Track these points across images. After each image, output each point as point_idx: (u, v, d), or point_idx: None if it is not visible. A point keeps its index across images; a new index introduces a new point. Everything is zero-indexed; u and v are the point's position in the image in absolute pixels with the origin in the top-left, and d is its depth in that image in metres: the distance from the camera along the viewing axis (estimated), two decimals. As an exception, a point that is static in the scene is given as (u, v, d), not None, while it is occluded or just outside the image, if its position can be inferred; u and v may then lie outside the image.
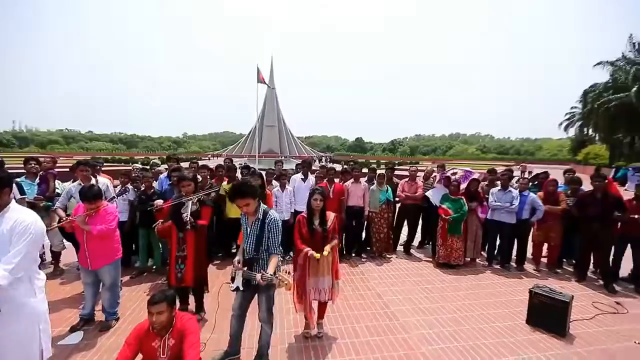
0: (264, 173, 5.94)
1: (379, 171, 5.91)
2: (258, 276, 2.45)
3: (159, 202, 3.67)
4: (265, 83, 22.74)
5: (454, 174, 5.69)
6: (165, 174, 5.24)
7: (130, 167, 7.08)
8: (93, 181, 4.17)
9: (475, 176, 5.59)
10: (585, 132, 40.91)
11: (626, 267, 4.83)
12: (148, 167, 6.84)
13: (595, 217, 4.65)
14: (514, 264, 5.43)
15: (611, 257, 4.81)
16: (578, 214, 4.86)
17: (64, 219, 3.58)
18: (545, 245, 5.36)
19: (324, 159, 57.15)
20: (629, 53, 27.82)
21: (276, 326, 3.39)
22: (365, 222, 5.75)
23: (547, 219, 5.14)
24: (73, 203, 4.00)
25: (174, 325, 2.30)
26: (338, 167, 7.19)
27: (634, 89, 24.18)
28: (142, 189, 4.75)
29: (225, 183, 5.30)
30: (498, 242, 5.52)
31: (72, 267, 4.95)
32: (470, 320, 3.67)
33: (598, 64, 29.71)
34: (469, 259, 5.50)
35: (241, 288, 2.65)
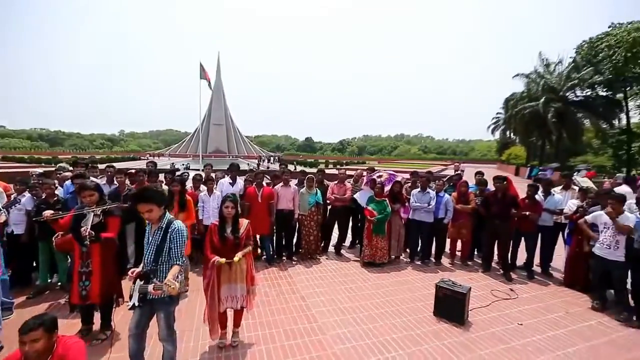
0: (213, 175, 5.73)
1: (308, 174, 6.01)
2: (150, 287, 2.33)
3: (48, 212, 3.31)
4: (208, 81, 21.78)
5: (380, 176, 6.01)
6: (70, 180, 4.74)
7: (52, 168, 6.27)
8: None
9: (398, 179, 5.96)
10: (508, 135, 45.90)
11: (522, 257, 5.52)
12: (53, 170, 6.14)
13: (496, 214, 5.25)
14: (433, 259, 5.89)
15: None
16: (483, 211, 5.44)
17: None
18: (459, 241, 5.89)
19: (272, 158, 56.57)
20: (539, 68, 31.81)
21: (190, 339, 3.29)
22: (296, 225, 5.81)
23: (459, 217, 5.66)
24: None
25: (53, 352, 2.08)
26: (290, 167, 7.14)
27: (542, 99, 27.76)
28: (43, 197, 4.25)
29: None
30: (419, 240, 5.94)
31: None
32: (384, 317, 3.90)
33: (516, 75, 33.53)
34: (393, 257, 5.84)
35: (137, 304, 2.49)
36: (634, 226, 3.97)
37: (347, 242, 6.68)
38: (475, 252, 6.22)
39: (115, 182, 4.94)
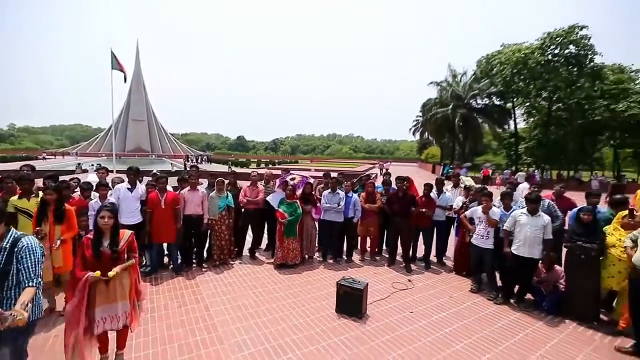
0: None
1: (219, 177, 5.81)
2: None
3: None
4: (122, 72, 19.53)
5: (293, 179, 6.09)
6: None
7: None
8: None
9: (311, 181, 6.11)
10: (426, 137, 50.76)
11: (422, 250, 6.12)
12: None
13: (398, 211, 5.72)
14: (345, 257, 6.18)
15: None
16: (387, 210, 5.88)
17: None
18: (368, 238, 6.28)
19: (200, 158, 53.50)
20: (449, 77, 35.88)
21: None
22: (207, 231, 5.56)
23: (367, 216, 6.03)
24: None
25: None
26: (220, 167, 6.68)
27: (451, 106, 31.37)
28: None
29: (15, 197, 4.22)
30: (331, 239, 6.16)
31: None
32: (288, 318, 3.95)
33: (430, 83, 37.29)
34: (307, 257, 5.97)
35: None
36: (499, 219, 4.71)
37: (264, 245, 6.65)
38: (384, 248, 6.70)
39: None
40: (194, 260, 5.61)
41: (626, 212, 3.98)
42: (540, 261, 4.39)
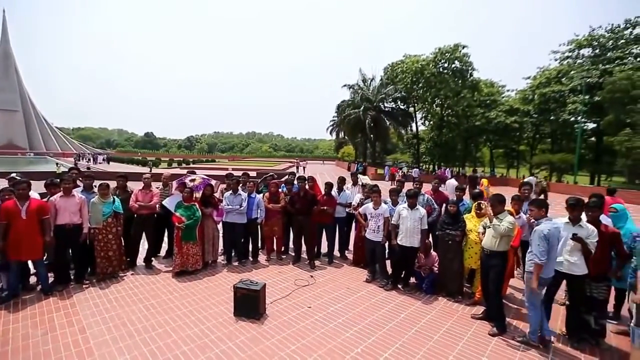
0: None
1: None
2: None
3: None
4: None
5: (192, 180, 5.77)
6: None
7: None
8: None
9: (212, 182, 5.88)
10: (342, 136, 53.51)
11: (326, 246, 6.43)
12: None
13: (299, 210, 5.91)
14: (250, 258, 6.12)
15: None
16: (290, 209, 6.02)
17: None
18: (274, 238, 6.34)
19: (101, 157, 46.70)
20: (360, 81, 38.52)
21: None
22: (88, 241, 4.89)
23: (271, 216, 6.08)
24: None
25: None
26: (121, 168, 5.68)
27: (361, 108, 33.77)
28: None
29: None
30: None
31: None
32: (182, 329, 3.74)
33: (344, 85, 39.45)
34: (210, 262, 5.73)
35: None
36: (388, 214, 5.25)
37: (164, 252, 6.16)
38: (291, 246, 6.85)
39: None
40: (71, 277, 4.87)
41: (481, 203, 4.83)
42: (419, 249, 5.04)
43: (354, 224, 6.75)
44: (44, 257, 4.53)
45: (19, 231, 4.20)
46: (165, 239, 6.12)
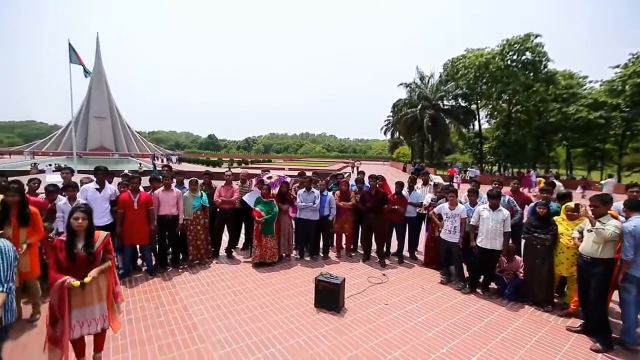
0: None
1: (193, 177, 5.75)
2: None
3: None
4: (82, 65, 18.42)
5: (269, 177, 6.13)
6: None
7: None
8: None
9: (287, 180, 6.18)
10: (397, 136, 52.21)
11: (395, 245, 6.38)
12: None
13: (371, 209, 5.94)
14: (321, 254, 6.32)
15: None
16: (361, 207, 6.09)
17: None
18: (343, 235, 6.46)
19: (173, 158, 51.54)
20: (417, 79, 37.19)
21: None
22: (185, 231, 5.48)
23: (342, 214, 6.20)
24: None
25: None
26: (190, 167, 6.48)
27: (419, 106, 32.56)
28: None
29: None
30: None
31: None
32: (268, 315, 4.02)
33: (400, 84, 38.39)
34: (284, 255, 6.04)
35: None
36: (465, 214, 5.05)
37: (241, 245, 6.64)
38: (359, 244, 6.91)
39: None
40: (169, 262, 5.50)
41: (572, 204, 4.40)
42: (501, 252, 4.76)
43: (423, 225, 6.60)
44: (149, 243, 5.19)
45: (131, 219, 4.88)
46: (242, 231, 6.59)
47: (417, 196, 6.31)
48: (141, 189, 5.29)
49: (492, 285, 4.99)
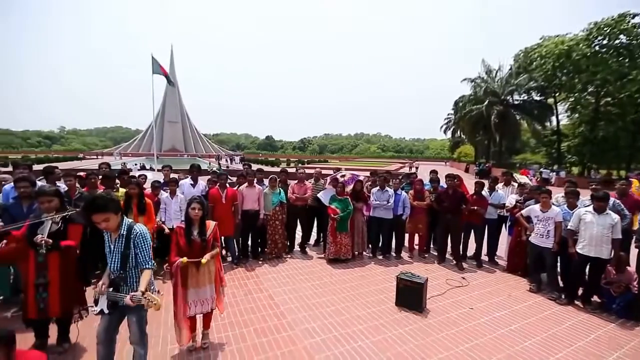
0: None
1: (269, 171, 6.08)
2: (127, 298, 2.27)
3: None
4: (165, 75, 20.62)
5: (343, 176, 6.23)
6: (12, 184, 4.34)
7: None
8: None
9: (361, 178, 6.22)
10: (458, 135, 49.20)
11: (472, 248, 6.05)
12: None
13: (448, 209, 5.70)
14: (393, 254, 6.24)
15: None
16: (437, 207, 5.87)
17: None
18: (416, 235, 6.31)
19: (237, 158, 54.97)
20: (482, 73, 34.57)
21: (158, 343, 3.22)
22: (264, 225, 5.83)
23: (416, 213, 6.06)
24: None
25: (11, 368, 1.96)
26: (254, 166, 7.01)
27: (485, 102, 30.22)
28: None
29: (100, 192, 4.69)
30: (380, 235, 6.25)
31: None
32: (350, 310, 4.10)
33: (464, 79, 36.09)
34: (357, 253, 6.08)
35: (106, 311, 2.42)
36: (561, 217, 4.58)
37: (312, 241, 6.85)
38: (432, 245, 6.68)
39: (64, 185, 4.59)
40: (249, 254, 5.90)
41: None
42: (608, 261, 4.23)
43: (504, 227, 6.15)
44: (234, 235, 5.61)
45: (219, 213, 5.32)
46: (313, 229, 6.79)
47: (499, 197, 5.90)
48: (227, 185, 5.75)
49: (595, 298, 4.46)
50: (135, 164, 29.76)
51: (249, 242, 5.92)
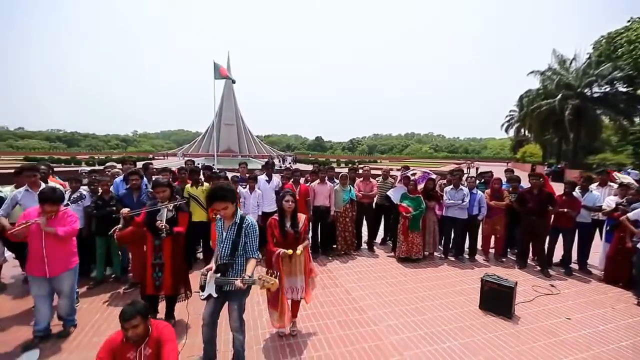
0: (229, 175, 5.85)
1: (339, 171, 6.15)
2: (237, 281, 2.46)
3: (125, 210, 3.47)
4: (227, 77, 22.04)
5: (414, 174, 6.08)
6: (122, 177, 4.95)
7: (77, 169, 6.56)
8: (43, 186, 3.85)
9: (433, 176, 6.02)
10: (523, 133, 45.19)
11: (557, 254, 5.53)
12: (100, 168, 6.46)
13: (532, 210, 5.27)
14: (466, 256, 5.94)
15: (546, 246, 5.48)
16: (519, 208, 5.46)
17: (8, 227, 3.30)
18: (493, 237, 5.94)
19: (289, 158, 56.57)
20: (554, 64, 31.24)
21: (249, 328, 3.43)
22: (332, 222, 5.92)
23: (493, 214, 5.70)
24: (17, 211, 3.67)
25: (150, 335, 2.24)
26: (304, 167, 7.26)
27: (558, 96, 27.30)
28: (99, 193, 4.46)
29: (188, 186, 5.15)
30: (452, 236, 5.99)
31: (16, 279, 4.53)
32: (430, 309, 3.99)
33: (531, 72, 32.97)
34: (427, 253, 5.90)
35: (214, 295, 2.63)
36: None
37: (378, 239, 6.79)
38: (508, 249, 6.22)
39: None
40: (319, 249, 6.03)
41: None
42: None
43: (598, 233, 5.53)
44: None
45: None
46: (379, 227, 6.72)
47: (594, 198, 5.30)
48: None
49: None
50: (198, 164, 32.30)
51: (319, 238, 6.05)
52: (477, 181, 6.32)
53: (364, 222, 6.44)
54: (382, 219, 6.63)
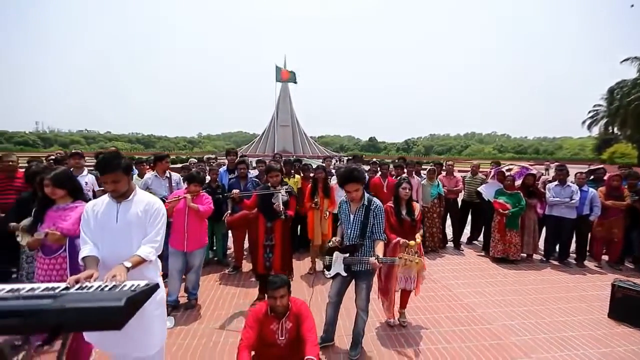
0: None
1: (427, 166, 5.96)
2: (372, 259, 2.49)
3: (236, 191, 3.75)
4: (290, 80, 22.88)
5: (509, 169, 5.66)
6: (225, 167, 5.37)
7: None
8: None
9: (533, 171, 5.53)
10: (611, 131, 39.65)
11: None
12: (205, 161, 7.22)
13: (665, 212, 4.56)
14: (572, 260, 5.35)
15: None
16: (645, 209, 4.76)
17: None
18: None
19: (345, 159, 56.59)
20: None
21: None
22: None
23: (610, 215, 5.05)
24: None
25: (290, 309, 2.37)
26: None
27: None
28: (207, 181, 4.89)
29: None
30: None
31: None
32: (548, 313, 3.65)
33: (626, 60, 28.83)
34: (525, 255, 5.43)
35: (343, 274, 2.70)
36: None
37: (464, 237, 6.45)
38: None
39: (257, 171, 5.45)
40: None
41: None
42: None
43: None
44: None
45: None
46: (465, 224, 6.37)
47: None
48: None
49: None
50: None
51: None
52: (586, 178, 5.66)
53: (448, 219, 6.18)
54: (470, 216, 6.28)
